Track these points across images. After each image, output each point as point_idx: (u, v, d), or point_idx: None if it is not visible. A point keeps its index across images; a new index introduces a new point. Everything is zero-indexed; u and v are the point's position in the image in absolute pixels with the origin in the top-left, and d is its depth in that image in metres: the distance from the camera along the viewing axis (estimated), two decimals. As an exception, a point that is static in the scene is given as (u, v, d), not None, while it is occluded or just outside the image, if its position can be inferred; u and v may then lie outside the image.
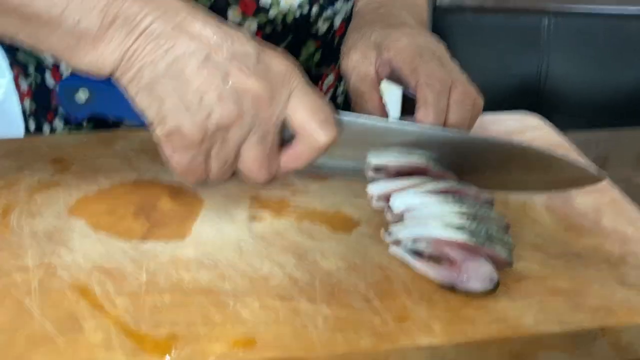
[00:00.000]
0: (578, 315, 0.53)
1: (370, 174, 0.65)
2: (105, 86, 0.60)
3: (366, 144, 0.64)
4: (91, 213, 0.63)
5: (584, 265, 0.59)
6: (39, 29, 0.56)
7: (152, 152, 0.72)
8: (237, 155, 0.58)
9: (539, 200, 0.68)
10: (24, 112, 0.97)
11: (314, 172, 0.67)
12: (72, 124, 0.90)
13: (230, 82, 0.55)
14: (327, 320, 0.52)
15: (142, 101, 0.56)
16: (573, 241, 0.62)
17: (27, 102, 0.95)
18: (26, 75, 0.90)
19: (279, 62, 0.57)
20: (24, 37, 0.57)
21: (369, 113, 0.70)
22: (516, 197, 0.68)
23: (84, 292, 0.53)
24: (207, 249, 0.59)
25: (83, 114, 0.63)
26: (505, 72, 1.43)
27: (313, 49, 0.88)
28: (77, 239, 0.59)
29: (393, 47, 0.70)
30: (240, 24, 0.81)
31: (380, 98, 0.71)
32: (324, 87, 0.95)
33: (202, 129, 0.55)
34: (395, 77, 0.72)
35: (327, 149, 0.59)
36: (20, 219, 0.62)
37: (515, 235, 0.61)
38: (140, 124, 0.59)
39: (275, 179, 0.61)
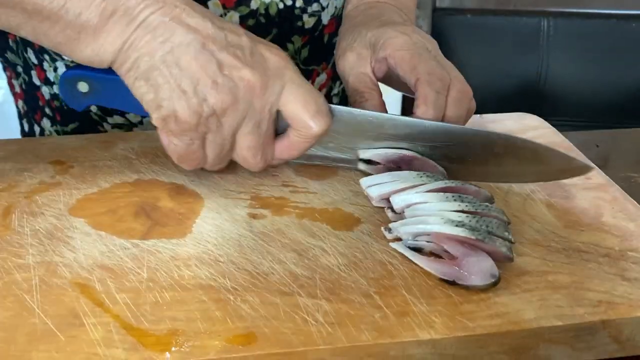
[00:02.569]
0: (579, 310, 0.53)
1: (361, 166, 0.68)
2: (105, 78, 0.63)
3: (358, 135, 0.67)
4: (92, 213, 0.63)
5: (584, 260, 0.59)
6: (40, 23, 0.57)
7: (152, 154, 0.73)
8: (232, 143, 0.60)
9: (539, 197, 0.68)
10: (19, 113, 0.98)
11: (307, 162, 0.69)
12: (59, 125, 0.90)
13: (225, 70, 0.57)
14: (327, 316, 0.52)
15: (139, 89, 0.58)
16: (573, 237, 0.62)
17: (20, 104, 0.95)
18: (17, 75, 0.91)
19: (273, 54, 0.59)
20: (27, 30, 0.59)
21: None
22: (516, 194, 0.68)
23: (84, 289, 0.54)
24: (208, 246, 0.59)
25: (83, 105, 0.65)
26: (505, 73, 1.43)
27: (300, 44, 0.88)
28: (78, 238, 0.59)
29: (389, 45, 0.71)
30: (221, 17, 0.81)
31: (381, 96, 0.72)
32: (315, 86, 0.95)
33: (196, 114, 0.57)
34: (390, 76, 0.73)
35: (320, 139, 0.62)
36: (22, 219, 0.62)
37: (515, 231, 0.61)
38: (139, 114, 0.60)
39: (269, 167, 0.63)
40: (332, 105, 0.64)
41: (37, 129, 0.93)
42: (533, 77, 1.42)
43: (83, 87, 0.63)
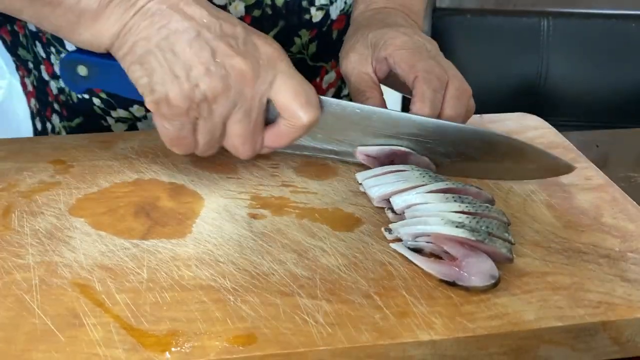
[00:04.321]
0: (579, 311, 0.53)
1: (360, 156, 0.70)
2: (104, 62, 0.64)
3: (346, 127, 0.68)
4: (92, 213, 0.63)
5: (584, 261, 0.59)
6: (42, 7, 0.59)
7: (152, 153, 0.73)
8: (222, 130, 0.62)
9: (539, 198, 0.68)
10: (31, 114, 0.98)
11: (296, 152, 0.70)
12: (66, 120, 0.91)
13: (218, 58, 0.59)
14: (327, 316, 0.52)
15: (135, 73, 0.59)
16: (574, 237, 0.62)
17: (33, 102, 0.96)
18: (29, 72, 0.91)
19: (266, 45, 0.61)
20: (29, 14, 0.61)
21: None
22: (516, 195, 0.68)
23: (84, 289, 0.54)
24: (208, 247, 0.59)
25: (82, 88, 0.67)
26: (505, 73, 1.43)
27: (307, 38, 0.88)
28: (78, 238, 0.59)
29: (390, 45, 0.71)
30: (225, 6, 0.81)
31: (381, 96, 0.72)
32: (324, 84, 0.95)
33: (188, 98, 0.58)
34: (392, 77, 0.73)
35: (309, 129, 0.63)
36: (21, 219, 0.62)
37: (515, 232, 0.61)
38: (136, 98, 0.62)
39: (258, 155, 0.65)
40: (322, 97, 0.65)
41: (48, 126, 0.94)
42: (533, 77, 1.42)
43: (82, 70, 0.66)
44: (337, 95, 0.99)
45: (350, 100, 0.70)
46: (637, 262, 0.59)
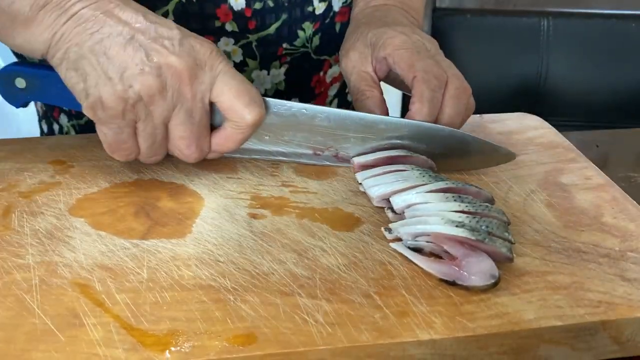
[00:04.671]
0: (579, 310, 0.53)
1: (357, 168, 0.69)
2: (42, 73, 0.65)
3: (292, 127, 0.68)
4: (92, 213, 0.63)
5: (584, 260, 0.59)
6: None
7: (153, 153, 0.73)
8: (165, 133, 0.62)
9: (539, 197, 0.68)
10: (38, 115, 0.98)
11: (245, 156, 0.70)
12: (75, 119, 0.91)
13: (152, 58, 0.58)
14: (327, 316, 0.51)
15: (71, 79, 0.59)
16: (574, 237, 0.62)
17: (39, 104, 0.96)
18: None
19: (203, 46, 0.61)
20: None
21: (370, 110, 0.71)
22: (516, 194, 0.68)
23: (84, 289, 0.54)
24: (208, 246, 0.59)
25: (21, 101, 0.67)
26: (505, 73, 1.43)
27: (311, 31, 0.88)
28: (78, 237, 0.59)
29: (389, 45, 0.71)
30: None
31: (381, 95, 0.72)
32: (328, 78, 0.94)
33: (122, 100, 0.58)
34: (392, 76, 0.73)
35: (254, 129, 0.63)
36: (21, 219, 0.62)
37: (515, 232, 0.61)
38: (75, 109, 0.62)
39: (207, 159, 0.65)
40: (266, 98, 0.65)
41: (56, 127, 0.94)
42: (533, 77, 1.42)
43: (20, 83, 0.66)
44: (342, 90, 0.98)
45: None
46: (637, 262, 0.59)
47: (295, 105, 0.67)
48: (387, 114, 0.71)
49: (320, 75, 0.93)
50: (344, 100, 0.99)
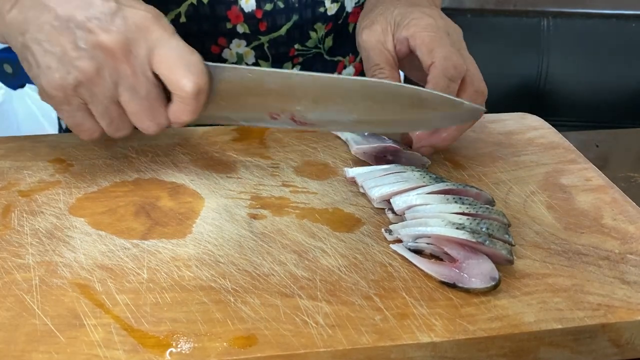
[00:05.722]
0: (578, 313, 0.53)
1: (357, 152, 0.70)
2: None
3: (244, 92, 0.65)
4: (92, 212, 0.63)
5: (584, 262, 0.59)
6: None
7: (152, 152, 0.73)
8: (119, 110, 0.61)
9: (539, 198, 0.68)
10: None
11: (211, 123, 0.68)
12: None
13: (85, 41, 0.58)
14: (327, 318, 0.51)
15: (25, 67, 0.61)
16: (574, 239, 0.62)
17: None
18: None
19: (137, 16, 0.59)
20: None
21: None
22: (516, 195, 0.68)
23: (84, 289, 0.53)
24: (208, 247, 0.59)
25: (15, 84, 0.69)
26: (505, 73, 1.43)
27: (323, 32, 0.87)
28: (78, 237, 0.59)
29: (414, 25, 0.69)
30: (236, 1, 0.80)
31: (399, 74, 0.69)
32: None
33: (61, 87, 0.59)
34: (409, 62, 0.71)
35: (200, 97, 0.61)
36: (21, 218, 0.62)
37: (516, 234, 0.61)
38: None
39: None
40: (214, 64, 0.63)
41: None
42: (533, 77, 1.42)
43: (8, 68, 0.68)
44: None
45: None
46: (637, 264, 0.59)
47: (242, 69, 0.64)
48: None
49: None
50: None
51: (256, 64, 0.85)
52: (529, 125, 0.83)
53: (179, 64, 0.59)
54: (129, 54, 0.59)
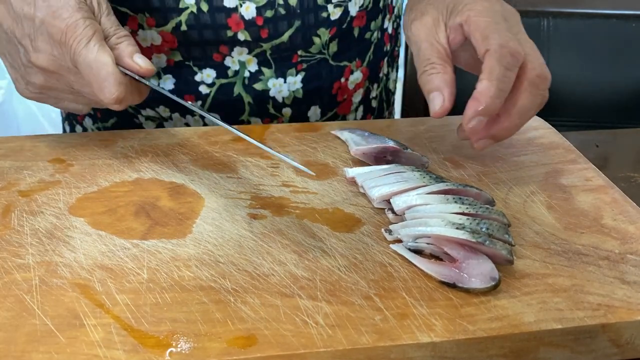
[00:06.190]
0: (578, 313, 0.53)
1: (357, 153, 0.71)
2: None
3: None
4: (92, 212, 0.63)
5: (584, 262, 0.59)
6: None
7: (152, 152, 0.73)
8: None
9: (539, 198, 0.68)
10: (62, 116, 0.98)
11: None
12: (100, 122, 0.91)
13: (26, 57, 0.66)
14: (327, 318, 0.51)
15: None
16: (574, 239, 0.62)
17: None
18: None
19: (54, 30, 0.64)
20: None
21: (437, 88, 0.65)
22: (516, 195, 0.68)
23: (84, 289, 0.53)
24: (208, 247, 0.59)
25: None
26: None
27: (327, 37, 0.85)
28: (78, 237, 0.59)
29: (468, 10, 0.65)
30: (236, 8, 0.79)
31: (453, 74, 0.65)
32: (350, 85, 0.91)
33: (29, 93, 0.69)
34: (464, 51, 0.68)
35: (125, 101, 0.65)
36: (21, 218, 0.62)
37: (516, 234, 0.61)
38: None
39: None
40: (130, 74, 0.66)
41: (78, 129, 0.94)
42: (533, 77, 1.42)
43: None
44: (366, 96, 0.94)
45: (384, 101, 0.69)
46: (637, 264, 0.59)
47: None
48: (454, 95, 0.65)
49: (342, 81, 0.89)
50: (368, 107, 0.96)
51: (259, 71, 0.84)
52: (529, 125, 0.83)
53: (93, 81, 0.64)
54: (61, 68, 0.65)
